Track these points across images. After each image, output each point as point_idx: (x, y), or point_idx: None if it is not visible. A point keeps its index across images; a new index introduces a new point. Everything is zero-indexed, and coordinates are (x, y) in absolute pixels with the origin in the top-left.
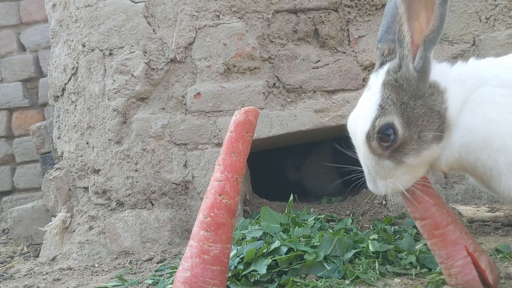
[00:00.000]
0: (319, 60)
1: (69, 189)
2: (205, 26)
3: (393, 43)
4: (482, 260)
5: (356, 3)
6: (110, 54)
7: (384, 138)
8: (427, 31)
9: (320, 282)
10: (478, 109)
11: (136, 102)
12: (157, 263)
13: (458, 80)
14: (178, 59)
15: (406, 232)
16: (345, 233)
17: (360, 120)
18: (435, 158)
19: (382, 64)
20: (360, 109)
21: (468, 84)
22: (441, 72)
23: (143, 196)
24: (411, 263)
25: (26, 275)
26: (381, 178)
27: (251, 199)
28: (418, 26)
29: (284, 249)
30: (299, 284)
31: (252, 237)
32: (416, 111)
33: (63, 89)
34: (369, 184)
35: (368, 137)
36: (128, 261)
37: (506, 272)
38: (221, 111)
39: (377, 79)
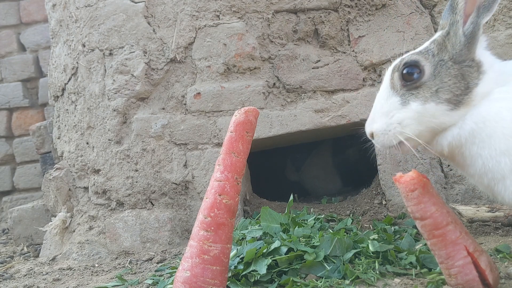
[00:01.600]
0: (319, 60)
1: (69, 189)
2: (205, 26)
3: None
4: (482, 260)
5: (356, 3)
6: (110, 54)
7: (407, 76)
8: None
9: (320, 282)
10: (496, 103)
11: (136, 102)
12: (157, 263)
13: (498, 70)
14: (178, 59)
15: (406, 232)
16: (345, 233)
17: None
18: (438, 125)
19: None
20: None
21: (502, 77)
22: (490, 60)
23: (143, 196)
24: (411, 263)
25: (26, 275)
26: (382, 115)
27: (251, 199)
28: None
29: (284, 249)
30: (299, 284)
31: (252, 237)
32: (449, 71)
33: (63, 89)
34: (368, 123)
35: (394, 68)
36: (128, 261)
37: (506, 272)
38: (221, 111)
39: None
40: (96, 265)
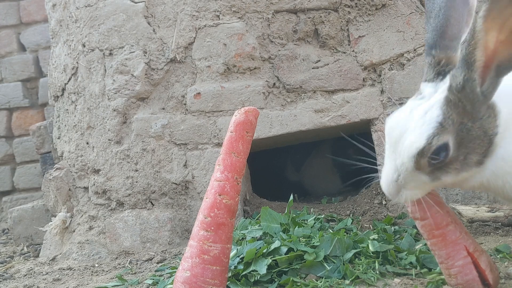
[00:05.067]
0: (319, 60)
1: (69, 189)
2: (205, 26)
3: (451, 51)
4: (482, 260)
5: (356, 3)
6: (110, 54)
7: (435, 158)
8: (503, 56)
9: (320, 282)
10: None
11: (136, 102)
12: (157, 263)
13: (507, 99)
14: (178, 59)
15: (406, 232)
16: (345, 233)
17: (412, 131)
18: (466, 183)
19: (439, 74)
20: (413, 117)
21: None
22: (497, 92)
23: (143, 196)
24: (411, 263)
25: (26, 275)
26: (408, 189)
27: (251, 199)
28: (491, 49)
29: (284, 249)
30: (299, 284)
31: (252, 237)
32: (471, 133)
33: (63, 89)
34: (390, 189)
35: (420, 154)
36: (128, 261)
37: (506, 272)
38: (221, 111)
39: (435, 92)
40: (96, 265)
